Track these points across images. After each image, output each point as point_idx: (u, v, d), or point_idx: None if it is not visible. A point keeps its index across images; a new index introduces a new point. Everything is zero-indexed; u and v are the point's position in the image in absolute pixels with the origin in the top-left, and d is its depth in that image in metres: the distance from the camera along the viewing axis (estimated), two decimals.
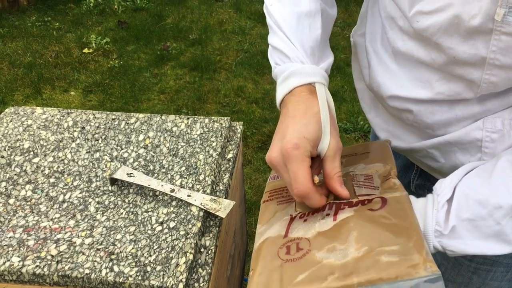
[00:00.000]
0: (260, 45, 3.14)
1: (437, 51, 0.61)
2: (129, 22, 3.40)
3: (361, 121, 2.43)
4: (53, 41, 3.15)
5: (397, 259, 0.47)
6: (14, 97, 2.61)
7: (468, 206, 0.55)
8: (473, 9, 0.54)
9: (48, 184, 0.75)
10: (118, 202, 0.72)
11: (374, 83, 0.73)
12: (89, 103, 2.59)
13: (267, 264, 0.52)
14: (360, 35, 0.81)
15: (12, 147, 0.81)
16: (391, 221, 0.52)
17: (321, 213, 0.56)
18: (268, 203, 0.65)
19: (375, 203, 0.56)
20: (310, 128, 0.56)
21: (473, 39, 0.56)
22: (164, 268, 0.61)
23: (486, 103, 0.63)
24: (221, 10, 3.64)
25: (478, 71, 0.59)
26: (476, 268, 0.76)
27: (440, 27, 0.58)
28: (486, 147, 0.64)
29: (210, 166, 0.77)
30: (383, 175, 0.62)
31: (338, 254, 0.49)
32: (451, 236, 0.55)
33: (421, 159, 0.76)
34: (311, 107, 0.58)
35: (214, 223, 0.70)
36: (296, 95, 0.61)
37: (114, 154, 0.81)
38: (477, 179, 0.57)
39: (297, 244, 0.53)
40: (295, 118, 0.58)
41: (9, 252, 0.63)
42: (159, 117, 0.88)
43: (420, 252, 0.47)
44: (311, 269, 0.49)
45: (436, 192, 0.58)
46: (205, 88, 2.72)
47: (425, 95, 0.66)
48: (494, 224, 0.54)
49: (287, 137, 0.56)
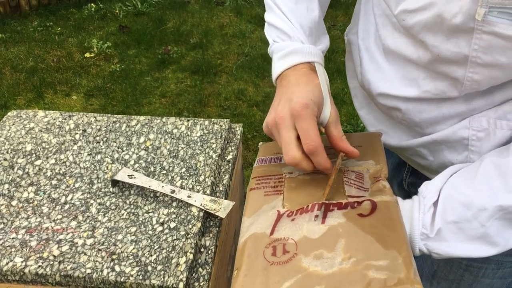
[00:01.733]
0: (260, 49, 3.16)
1: (423, 49, 0.63)
2: (130, 27, 3.42)
3: (361, 123, 2.44)
4: (55, 46, 3.16)
5: (385, 276, 0.46)
6: (16, 102, 2.63)
7: (453, 208, 0.55)
8: (454, 8, 0.55)
9: (50, 186, 0.76)
10: (119, 203, 0.73)
11: (365, 80, 0.75)
12: (91, 107, 2.60)
13: (252, 265, 0.52)
14: (353, 33, 0.83)
15: (14, 150, 0.82)
16: (380, 230, 0.52)
17: (309, 213, 0.56)
18: (255, 191, 0.64)
19: (364, 207, 0.56)
20: (315, 93, 0.60)
21: (455, 37, 0.57)
22: (164, 268, 0.62)
23: (472, 102, 0.64)
24: (222, 14, 3.65)
25: (461, 69, 0.60)
26: (468, 265, 0.76)
27: (425, 25, 0.59)
28: (473, 145, 0.65)
29: (210, 168, 0.78)
30: (373, 176, 0.62)
31: (325, 262, 0.49)
32: (437, 239, 0.55)
33: (411, 156, 0.77)
34: (312, 80, 0.62)
35: (214, 223, 0.71)
36: (298, 70, 0.64)
37: (115, 156, 0.82)
38: (461, 180, 0.58)
39: (284, 245, 0.52)
40: (300, 85, 0.61)
41: (12, 252, 0.64)
42: (160, 120, 0.89)
43: (408, 270, 0.47)
44: (297, 276, 0.48)
45: (422, 194, 0.59)
46: (206, 91, 2.74)
47: (412, 93, 0.67)
48: (479, 226, 0.54)
49: (295, 98, 0.59)
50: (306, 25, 0.69)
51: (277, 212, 0.58)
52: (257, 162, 0.71)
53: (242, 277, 0.51)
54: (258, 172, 0.68)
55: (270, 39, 0.71)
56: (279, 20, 0.69)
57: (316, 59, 0.66)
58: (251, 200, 0.63)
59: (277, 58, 0.68)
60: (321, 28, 0.73)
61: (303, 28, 0.69)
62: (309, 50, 0.66)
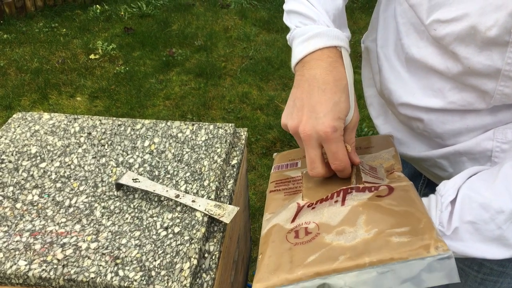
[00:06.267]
0: (265, 52, 3.16)
1: (453, 60, 0.62)
2: (135, 29, 3.42)
3: (365, 127, 2.43)
4: (60, 47, 3.17)
5: (408, 239, 0.47)
6: (21, 102, 2.63)
7: (471, 209, 0.55)
8: (489, 21, 0.54)
9: (55, 189, 0.76)
10: (123, 207, 0.73)
11: (386, 89, 0.73)
12: (95, 109, 2.60)
13: (276, 248, 0.53)
14: (371, 40, 0.81)
15: (19, 152, 0.82)
16: (399, 207, 0.52)
17: (329, 201, 0.57)
18: (275, 193, 0.65)
19: (382, 191, 0.56)
20: (342, 106, 0.58)
21: (489, 50, 0.56)
22: (168, 273, 0.62)
23: (498, 114, 0.63)
24: (227, 17, 3.66)
25: (492, 82, 0.59)
26: (483, 279, 0.76)
27: (457, 37, 0.58)
28: (496, 157, 0.64)
29: (214, 172, 0.78)
30: (386, 170, 0.62)
31: (348, 236, 0.50)
32: (453, 238, 0.55)
33: (429, 168, 0.76)
34: (340, 79, 0.59)
35: (218, 228, 0.71)
36: (323, 59, 0.60)
37: (120, 159, 0.82)
38: (481, 182, 0.57)
39: (306, 228, 0.53)
40: (326, 91, 0.58)
41: (16, 255, 0.64)
42: (165, 123, 0.89)
43: (430, 233, 0.47)
44: (322, 250, 0.49)
45: (440, 193, 0.58)
46: (210, 94, 2.74)
47: (437, 104, 0.66)
48: (496, 228, 0.54)
49: (322, 117, 0.56)
50: (331, 11, 0.66)
51: (297, 205, 0.59)
52: (274, 169, 0.72)
53: (267, 258, 0.52)
54: (276, 177, 0.69)
55: (291, 25, 0.67)
56: (302, 5, 0.66)
57: (343, 44, 0.61)
58: (272, 200, 0.64)
59: (298, 42, 0.63)
60: (343, 18, 0.70)
61: (328, 13, 0.65)
62: (336, 33, 0.61)
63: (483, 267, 0.75)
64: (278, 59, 3.07)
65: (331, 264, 0.47)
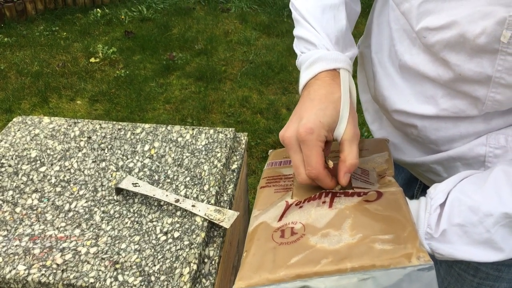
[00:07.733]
0: (265, 56, 3.16)
1: (444, 67, 0.62)
2: (135, 32, 3.43)
3: (365, 132, 2.43)
4: (60, 51, 3.18)
5: (391, 247, 0.47)
6: (21, 106, 2.63)
7: (460, 211, 0.55)
8: (477, 29, 0.54)
9: (54, 193, 0.76)
10: (123, 211, 0.72)
11: (380, 96, 0.74)
12: (95, 112, 2.60)
13: (261, 246, 0.53)
14: (366, 46, 0.82)
15: (19, 156, 0.82)
16: (385, 212, 0.53)
17: (317, 200, 0.57)
18: (265, 189, 0.65)
19: (370, 196, 0.56)
20: (327, 113, 0.57)
21: (479, 57, 0.57)
22: (168, 278, 0.61)
23: (491, 121, 0.64)
24: (227, 21, 3.67)
25: (483, 88, 0.59)
26: (479, 283, 0.76)
27: (447, 44, 0.59)
28: (490, 162, 0.65)
29: (214, 177, 0.78)
30: (379, 174, 0.63)
31: (332, 239, 0.50)
32: (441, 240, 0.56)
33: (424, 173, 0.76)
34: (331, 93, 0.59)
35: (218, 233, 0.71)
36: (320, 79, 0.62)
37: (119, 164, 0.82)
38: (471, 186, 0.58)
39: (292, 228, 0.54)
40: (314, 101, 0.59)
41: (15, 260, 0.64)
42: (165, 128, 0.89)
43: (413, 243, 0.47)
44: (305, 252, 0.49)
45: (430, 195, 0.59)
46: (210, 98, 2.74)
47: (430, 111, 0.66)
48: (484, 231, 0.54)
49: (304, 120, 0.57)
50: (333, 34, 0.67)
51: (285, 203, 0.60)
52: (267, 165, 0.72)
53: (250, 257, 0.52)
54: (269, 173, 0.69)
55: (298, 52, 0.69)
56: (306, 31, 0.68)
57: (341, 65, 0.62)
58: (262, 196, 0.64)
59: (303, 69, 0.65)
60: (349, 39, 0.71)
61: (329, 36, 0.67)
62: (334, 56, 0.63)
63: (479, 271, 0.75)
64: (278, 63, 3.07)
65: (313, 267, 0.47)
